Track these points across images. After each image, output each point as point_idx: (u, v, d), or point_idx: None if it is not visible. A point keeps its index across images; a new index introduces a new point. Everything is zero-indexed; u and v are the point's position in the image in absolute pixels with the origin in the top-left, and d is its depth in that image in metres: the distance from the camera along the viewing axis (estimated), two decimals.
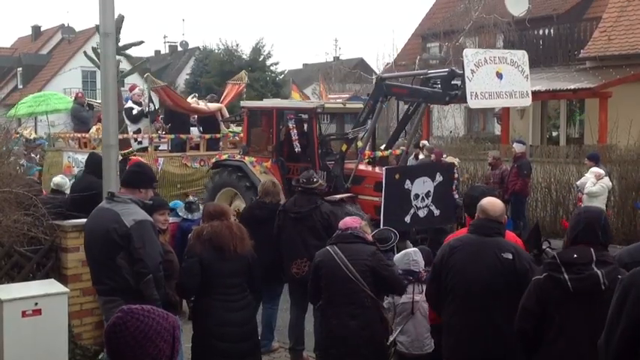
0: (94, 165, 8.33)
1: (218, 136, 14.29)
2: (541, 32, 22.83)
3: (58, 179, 9.68)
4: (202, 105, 14.23)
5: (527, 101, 9.85)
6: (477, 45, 26.71)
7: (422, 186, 9.88)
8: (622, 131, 15.18)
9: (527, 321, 4.17)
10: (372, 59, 72.73)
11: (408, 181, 9.78)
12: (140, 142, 13.41)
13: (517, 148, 13.60)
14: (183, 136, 13.70)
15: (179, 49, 53.79)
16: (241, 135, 14.30)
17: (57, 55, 46.42)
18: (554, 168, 14.81)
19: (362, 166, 10.79)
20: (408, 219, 9.81)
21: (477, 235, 4.72)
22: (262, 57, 38.83)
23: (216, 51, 40.16)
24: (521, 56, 9.61)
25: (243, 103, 13.14)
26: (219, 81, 32.41)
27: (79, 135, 15.11)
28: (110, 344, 2.46)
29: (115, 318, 2.47)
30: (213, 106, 14.45)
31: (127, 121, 13.87)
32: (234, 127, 14.76)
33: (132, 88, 14.60)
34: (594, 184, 11.24)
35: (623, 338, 3.26)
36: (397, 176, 9.76)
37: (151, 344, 2.41)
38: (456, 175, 11.30)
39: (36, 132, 29.77)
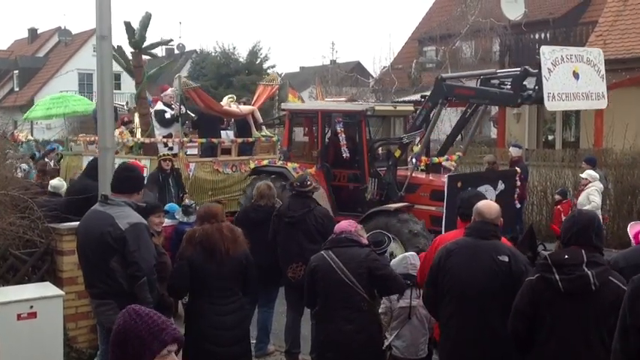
0: (91, 168, 8.34)
1: (250, 140, 13.52)
2: (537, 36, 22.92)
3: (55, 182, 9.66)
4: (234, 107, 13.61)
5: (604, 103, 9.07)
6: (473, 49, 26.79)
7: (484, 194, 9.21)
8: (618, 135, 15.22)
9: (520, 321, 4.21)
10: (369, 63, 72.96)
11: (470, 190, 9.04)
12: (171, 148, 12.60)
13: (513, 152, 13.62)
14: (214, 141, 12.90)
15: (176, 51, 53.75)
16: (274, 139, 13.84)
17: (53, 57, 46.35)
18: (550, 172, 14.83)
19: (416, 173, 10.09)
20: None
21: (474, 238, 4.72)
22: (259, 60, 38.86)
23: (213, 54, 40.16)
24: (597, 54, 8.92)
25: (284, 105, 12.55)
26: (216, 84, 32.48)
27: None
28: (118, 341, 2.50)
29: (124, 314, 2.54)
30: (245, 108, 13.82)
31: (156, 125, 13.09)
32: (266, 131, 14.18)
33: (163, 89, 13.88)
34: (590, 202, 11.13)
35: (637, 339, 3.32)
36: (459, 184, 9.02)
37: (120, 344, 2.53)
38: (518, 183, 10.55)
39: (32, 135, 29.71)
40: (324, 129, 11.00)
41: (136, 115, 14.12)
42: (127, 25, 13.37)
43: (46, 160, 17.01)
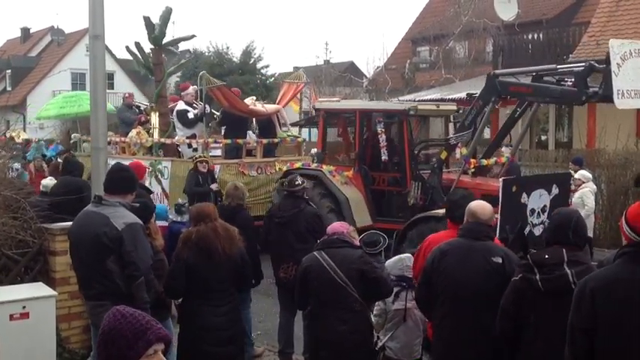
0: (67, 165, 8.45)
1: (276, 141, 12.96)
2: (530, 37, 22.96)
3: (46, 181, 9.63)
4: (259, 106, 13.00)
5: None
6: (467, 49, 26.85)
7: (538, 200, 8.46)
8: (610, 135, 15.27)
9: (506, 321, 4.24)
10: (363, 63, 72.86)
11: (524, 194, 8.40)
12: (195, 149, 12.14)
13: (506, 152, 13.63)
14: (240, 141, 12.31)
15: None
16: (299, 139, 13.40)
17: (46, 57, 46.18)
18: (543, 172, 14.86)
19: (462, 177, 9.57)
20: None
21: (467, 239, 4.73)
22: (253, 60, 38.83)
23: (207, 54, 40.11)
24: None
25: (318, 105, 12.02)
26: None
27: (117, 139, 13.86)
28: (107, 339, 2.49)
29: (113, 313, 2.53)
30: (270, 107, 13.22)
31: (177, 125, 12.66)
32: (292, 131, 13.67)
33: (184, 88, 13.26)
34: (584, 205, 11.09)
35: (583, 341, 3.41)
36: (514, 189, 8.24)
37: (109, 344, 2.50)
38: (572, 187, 9.86)
39: (25, 133, 29.55)
40: (362, 129, 10.48)
41: (153, 114, 13.72)
42: (147, 20, 12.84)
43: (59, 160, 16.44)
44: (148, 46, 13.41)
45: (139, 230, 5.13)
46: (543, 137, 22.25)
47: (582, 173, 11.50)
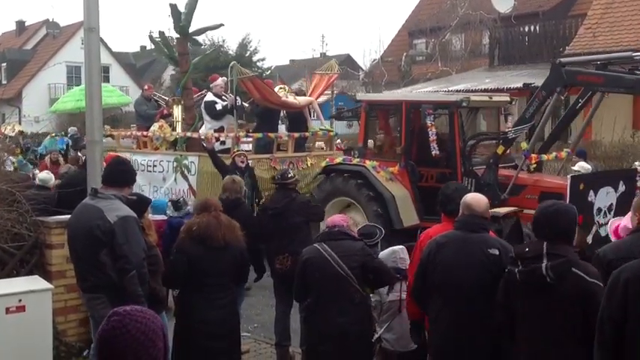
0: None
1: (307, 134, 12.35)
2: (527, 29, 22.96)
3: (43, 175, 9.61)
4: (291, 99, 12.26)
5: None
6: (463, 42, 26.83)
7: (605, 198, 8.00)
8: (606, 127, 15.28)
9: (499, 312, 4.30)
10: (359, 55, 72.93)
11: (591, 192, 7.95)
12: (223, 142, 11.54)
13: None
14: (271, 135, 11.70)
15: None
16: (331, 133, 12.68)
17: (41, 50, 46.02)
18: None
19: (521, 173, 9.07)
20: (589, 239, 7.74)
21: (463, 232, 4.73)
22: (249, 53, 38.73)
23: (203, 47, 39.95)
24: None
25: (360, 96, 11.45)
26: (205, 77, 32.27)
27: (138, 133, 13.08)
28: (109, 348, 2.38)
29: (114, 322, 2.38)
30: (302, 99, 12.45)
31: (206, 118, 12.03)
32: (324, 124, 12.86)
33: (213, 79, 12.47)
34: None
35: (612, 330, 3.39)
36: (582, 186, 7.75)
37: (151, 345, 2.38)
38: (639, 184, 9.00)
39: (20, 125, 29.42)
40: (408, 122, 9.84)
41: (175, 107, 13.20)
42: (174, 8, 12.19)
43: (79, 154, 15.69)
44: (168, 36, 13.08)
45: (132, 223, 5.12)
46: None
47: (581, 165, 11.53)
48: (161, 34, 12.81)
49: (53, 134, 19.82)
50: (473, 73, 23.45)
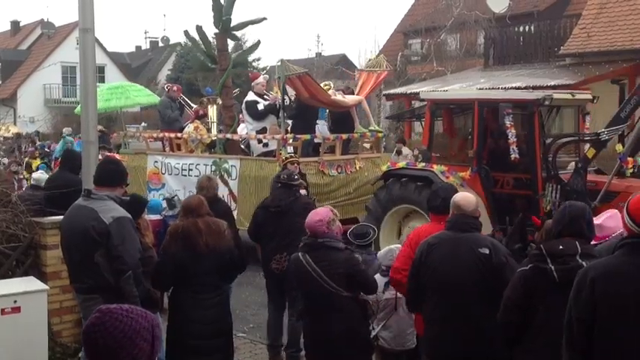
0: (69, 160, 8.27)
1: (355, 135, 11.54)
2: (521, 29, 23.00)
3: (37, 175, 9.58)
4: (339, 97, 11.41)
5: None
6: (458, 42, 26.87)
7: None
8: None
9: (514, 313, 4.15)
10: (354, 55, 72.87)
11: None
12: (266, 144, 10.82)
13: None
14: (319, 136, 10.90)
15: (160, 44, 53.48)
16: (380, 134, 11.89)
17: (36, 50, 45.96)
18: None
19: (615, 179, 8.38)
20: None
21: (454, 232, 4.75)
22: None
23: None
24: None
25: (423, 95, 10.64)
26: (201, 77, 32.28)
27: (172, 135, 12.15)
28: (89, 345, 2.39)
29: (93, 318, 2.40)
30: (351, 98, 11.60)
31: (247, 118, 11.27)
32: (374, 125, 11.98)
33: (254, 77, 11.70)
34: None
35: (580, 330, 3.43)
36: None
37: (131, 344, 2.36)
38: None
39: (15, 126, 29.33)
40: (481, 123, 9.04)
41: (210, 107, 12.52)
42: (216, 1, 11.48)
43: (99, 157, 15.77)
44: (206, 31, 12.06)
45: (127, 224, 5.10)
46: None
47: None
48: (199, 28, 11.70)
49: (63, 135, 19.23)
50: (468, 73, 23.47)
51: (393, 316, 5.75)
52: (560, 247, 4.05)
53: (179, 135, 12.03)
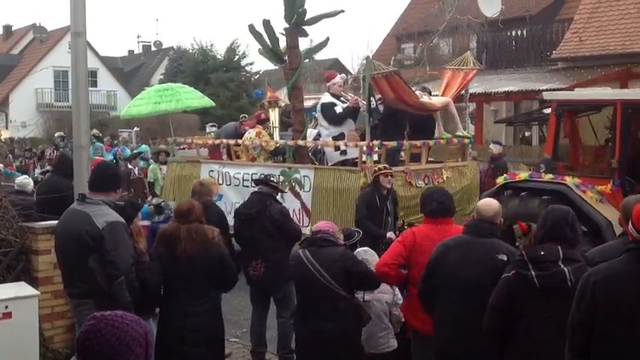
0: (60, 164, 8.25)
1: (442, 141, 10.46)
2: (514, 33, 23.08)
3: (21, 179, 9.55)
4: (426, 99, 10.21)
5: None
6: (451, 46, 26.92)
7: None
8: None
9: (498, 318, 4.21)
10: (347, 59, 72.90)
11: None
12: (344, 152, 9.72)
13: (494, 149, 13.74)
14: (406, 144, 9.82)
15: (153, 48, 53.37)
16: (467, 140, 10.69)
17: (28, 54, 45.80)
18: (528, 168, 14.93)
19: None
20: None
21: (471, 236, 4.75)
22: (237, 57, 38.68)
23: (191, 51, 39.94)
24: None
25: (547, 95, 9.56)
26: (194, 81, 32.31)
27: (230, 142, 11.10)
28: (84, 352, 2.37)
29: (89, 325, 2.38)
30: (438, 100, 10.48)
31: (322, 122, 10.11)
32: (462, 130, 10.75)
33: (329, 77, 10.43)
34: None
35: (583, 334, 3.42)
36: None
37: (127, 350, 2.35)
38: None
39: (7, 131, 29.17)
40: (625, 128, 7.96)
41: (271, 111, 11.34)
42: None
43: (130, 166, 14.51)
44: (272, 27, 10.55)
45: (121, 229, 5.08)
46: (527, 133, 22.38)
47: None
48: (266, 23, 10.31)
49: (93, 142, 17.99)
50: None
51: None
52: (542, 252, 4.07)
53: (239, 142, 10.95)
